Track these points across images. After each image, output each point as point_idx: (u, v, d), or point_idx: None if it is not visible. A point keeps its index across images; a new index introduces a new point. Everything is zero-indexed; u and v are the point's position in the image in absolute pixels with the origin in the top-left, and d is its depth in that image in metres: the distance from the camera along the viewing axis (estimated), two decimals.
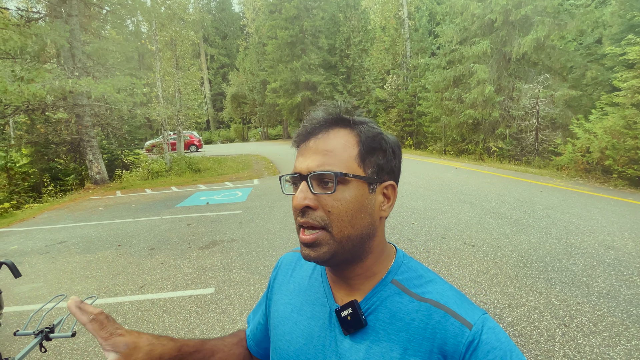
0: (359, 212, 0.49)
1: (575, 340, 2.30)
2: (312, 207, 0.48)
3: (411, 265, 0.55)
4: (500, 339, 0.45)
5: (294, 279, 0.63)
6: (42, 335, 2.10)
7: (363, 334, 0.50)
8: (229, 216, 6.00)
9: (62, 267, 4.05)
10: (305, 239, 0.49)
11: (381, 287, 0.52)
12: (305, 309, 0.57)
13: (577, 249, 3.81)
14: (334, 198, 0.48)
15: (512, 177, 8.79)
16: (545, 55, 12.25)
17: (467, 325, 0.46)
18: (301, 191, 0.49)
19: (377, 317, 0.50)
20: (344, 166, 0.49)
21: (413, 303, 0.49)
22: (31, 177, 12.16)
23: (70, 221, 6.39)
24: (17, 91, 7.91)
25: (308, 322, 0.56)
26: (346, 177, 0.48)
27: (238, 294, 3.17)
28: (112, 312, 2.96)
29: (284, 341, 0.57)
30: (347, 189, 0.48)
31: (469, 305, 0.49)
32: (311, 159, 0.49)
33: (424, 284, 0.52)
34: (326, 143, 0.50)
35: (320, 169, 0.48)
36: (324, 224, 0.48)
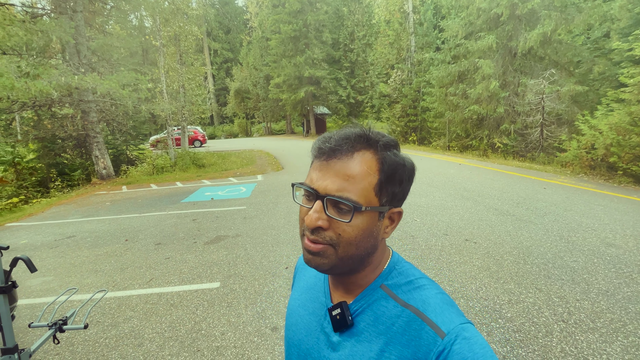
0: (366, 237, 0.51)
1: (573, 336, 2.34)
2: (324, 228, 0.50)
3: (403, 270, 0.57)
4: (473, 349, 0.44)
5: (305, 277, 0.69)
6: (55, 327, 2.19)
7: (350, 333, 0.54)
8: (233, 212, 6.07)
9: (71, 261, 4.16)
10: (311, 247, 0.51)
11: (370, 291, 0.55)
12: (308, 305, 0.63)
13: (579, 246, 3.83)
14: (347, 225, 0.49)
15: (516, 173, 8.77)
16: (551, 50, 12.11)
17: (440, 334, 0.46)
18: (315, 211, 0.50)
19: (363, 318, 0.54)
20: (362, 195, 0.49)
21: (397, 308, 0.52)
22: (38, 172, 12.33)
23: (78, 216, 6.51)
24: (24, 87, 8.00)
25: (309, 317, 0.61)
26: (362, 210, 0.49)
27: (243, 288, 3.25)
28: (122, 305, 3.05)
29: (291, 331, 0.64)
30: (361, 217, 0.50)
31: (451, 314, 0.49)
32: (330, 180, 0.49)
33: (411, 290, 0.53)
34: (348, 166, 0.50)
35: (338, 194, 0.48)
36: (332, 243, 0.50)
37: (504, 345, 2.30)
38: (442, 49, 16.13)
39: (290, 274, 3.51)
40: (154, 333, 2.62)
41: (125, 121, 13.53)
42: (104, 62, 11.40)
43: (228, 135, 36.11)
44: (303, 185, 0.53)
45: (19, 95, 8.10)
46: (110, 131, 13.50)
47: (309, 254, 0.52)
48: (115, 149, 13.33)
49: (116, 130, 13.51)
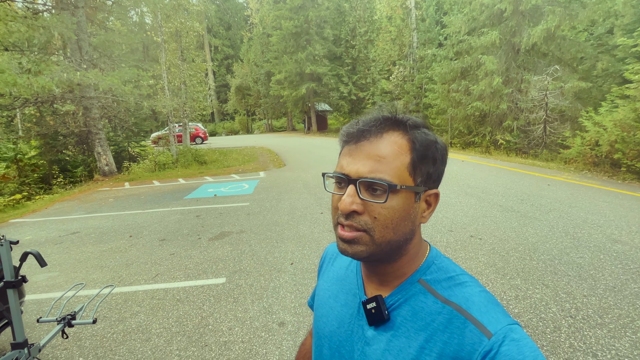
0: (403, 220, 0.50)
1: (582, 331, 2.34)
2: (359, 213, 0.49)
3: (442, 266, 0.55)
4: (522, 351, 0.42)
5: (334, 268, 0.67)
6: (64, 322, 2.19)
7: (385, 327, 0.52)
8: (236, 208, 6.07)
9: (76, 257, 4.16)
10: (345, 236, 0.50)
11: (407, 285, 0.53)
12: (340, 296, 0.61)
13: (584, 243, 3.82)
14: (382, 206, 0.48)
15: (519, 170, 8.74)
16: (555, 46, 12.03)
17: (487, 334, 0.44)
18: (349, 195, 0.48)
19: (400, 313, 0.52)
20: (395, 175, 0.48)
21: (437, 304, 0.50)
22: (40, 169, 12.34)
23: (81, 212, 6.52)
24: (27, 84, 7.98)
25: (341, 309, 0.60)
26: (398, 188, 0.48)
27: (249, 283, 3.25)
28: (128, 301, 3.06)
29: (321, 322, 0.62)
30: (396, 198, 0.49)
31: (496, 313, 0.47)
32: (362, 163, 0.49)
33: (452, 287, 0.51)
34: (379, 147, 0.49)
35: (371, 176, 0.48)
36: (366, 228, 0.49)
37: None
38: (444, 45, 16.05)
39: (296, 269, 3.51)
40: (161, 328, 2.62)
41: (127, 118, 13.51)
42: (105, 58, 11.37)
43: (229, 132, 36.07)
44: (334, 173, 0.52)
45: (21, 92, 8.08)
46: (112, 128, 13.50)
47: (344, 243, 0.50)
48: (117, 145, 13.33)
49: (118, 127, 13.50)
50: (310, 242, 4.25)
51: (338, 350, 0.58)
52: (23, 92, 8.12)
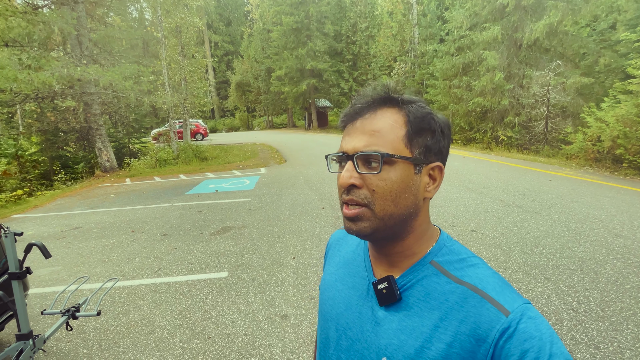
0: (403, 192, 0.50)
1: (583, 324, 2.35)
2: (357, 186, 0.50)
3: (454, 249, 0.55)
4: (540, 329, 0.43)
5: (340, 253, 0.67)
6: (68, 314, 2.20)
7: (397, 307, 0.52)
8: (238, 203, 6.08)
9: (79, 252, 4.18)
10: (348, 213, 0.51)
11: (419, 266, 0.53)
12: (347, 279, 0.61)
13: (586, 237, 3.83)
14: (379, 178, 0.49)
15: (520, 166, 8.73)
16: (557, 41, 11.97)
17: (504, 312, 0.45)
18: (347, 170, 0.50)
19: (412, 293, 0.52)
20: (391, 147, 0.49)
21: (450, 284, 0.50)
22: (41, 165, 12.34)
23: (83, 208, 6.53)
24: (27, 79, 7.97)
25: (349, 291, 0.60)
26: (392, 158, 0.49)
27: (251, 277, 3.26)
28: (131, 294, 3.07)
29: (328, 305, 0.62)
30: (393, 169, 0.49)
31: (511, 293, 0.48)
32: (358, 139, 0.50)
33: (464, 268, 0.52)
34: (373, 123, 0.50)
35: (366, 149, 0.49)
36: (367, 202, 0.50)
37: None
38: (446, 41, 15.96)
39: (298, 264, 3.52)
40: (165, 321, 2.64)
41: (128, 114, 13.50)
42: (106, 53, 11.33)
43: (229, 129, 36.02)
44: (334, 153, 0.54)
45: (22, 88, 8.07)
46: (113, 124, 13.49)
47: (348, 221, 0.52)
48: (118, 141, 13.33)
49: (119, 123, 13.49)
50: (311, 236, 4.25)
51: (345, 332, 0.57)
52: (23, 88, 8.11)
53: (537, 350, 0.41)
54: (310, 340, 2.33)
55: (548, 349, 0.41)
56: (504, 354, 0.43)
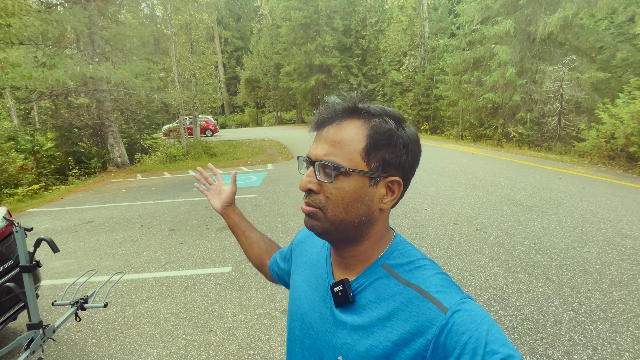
0: (355, 201, 0.53)
1: (583, 325, 2.33)
2: (315, 191, 0.54)
3: (405, 252, 0.58)
4: (475, 319, 0.46)
5: (308, 253, 0.71)
6: (77, 305, 2.30)
7: (352, 309, 0.55)
8: (244, 199, 6.17)
9: (90, 245, 4.33)
10: (304, 209, 0.57)
11: (372, 269, 0.56)
12: (311, 281, 0.65)
13: (593, 237, 3.76)
14: (333, 186, 0.53)
15: (530, 163, 8.58)
16: (572, 35, 11.62)
17: (443, 309, 0.48)
18: (307, 175, 0.55)
19: (365, 295, 0.55)
20: (347, 159, 0.52)
21: (398, 286, 0.53)
22: (57, 160, 12.71)
23: (95, 202, 6.73)
24: (42, 77, 8.19)
25: (312, 292, 0.63)
26: (345, 170, 0.52)
27: (254, 272, 3.33)
28: (138, 287, 3.18)
29: (295, 305, 0.66)
30: (347, 180, 0.52)
31: (451, 291, 0.51)
32: (320, 147, 0.54)
33: (412, 270, 0.55)
34: (337, 133, 0.53)
35: (324, 159, 0.52)
36: (320, 206, 0.54)
37: (512, 332, 2.31)
38: (457, 35, 15.68)
39: None
40: (169, 313, 2.73)
41: (139, 110, 13.74)
42: (117, 51, 11.53)
43: (239, 125, 36.27)
44: (303, 156, 0.59)
45: (37, 85, 8.31)
46: (125, 120, 13.74)
47: (305, 217, 0.57)
48: (130, 137, 13.59)
49: (130, 119, 13.74)
50: None
51: (308, 331, 0.61)
52: (38, 86, 8.33)
53: (474, 341, 0.44)
54: None
55: (484, 337, 0.44)
56: (446, 349, 0.46)
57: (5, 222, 2.28)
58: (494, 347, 0.43)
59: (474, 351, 0.43)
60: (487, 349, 0.43)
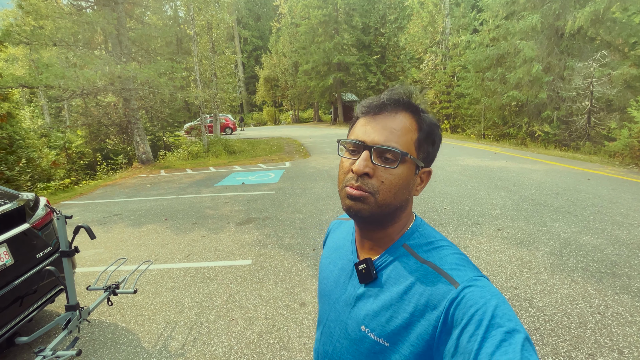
0: (403, 187, 0.57)
1: (609, 328, 2.26)
2: (369, 175, 0.56)
3: (425, 233, 0.62)
4: (484, 295, 0.48)
5: (335, 239, 0.77)
6: (109, 290, 2.44)
7: (374, 284, 0.61)
8: (262, 196, 6.28)
9: (118, 236, 4.55)
10: (353, 193, 0.56)
11: (393, 249, 0.61)
12: (337, 262, 0.71)
13: (622, 240, 3.61)
14: (390, 172, 0.55)
15: (557, 163, 8.27)
16: (604, 29, 11.07)
17: (454, 284, 0.51)
18: (363, 159, 0.55)
19: (386, 272, 0.60)
20: (405, 147, 0.56)
21: (416, 264, 0.58)
22: (86, 156, 13.35)
23: (122, 196, 7.03)
24: (73, 76, 8.62)
25: (338, 272, 0.69)
26: (407, 157, 0.56)
27: (273, 266, 3.41)
28: (164, 277, 3.33)
29: (322, 284, 0.73)
30: (403, 167, 0.56)
31: (466, 269, 0.54)
32: (377, 133, 0.56)
33: (430, 250, 0.59)
34: (394, 121, 0.57)
35: (386, 144, 0.55)
36: (373, 191, 0.56)
37: (534, 333, 2.27)
38: (480, 31, 15.25)
39: (318, 255, 3.62)
40: (193, 302, 2.84)
41: (162, 109, 14.20)
42: (142, 51, 11.95)
43: (257, 123, 36.76)
44: (350, 140, 0.59)
45: (69, 84, 8.75)
46: (149, 118, 14.24)
47: (350, 200, 0.57)
48: (154, 135, 14.08)
49: (154, 117, 14.22)
50: None
51: (334, 306, 0.67)
52: (70, 85, 8.78)
53: (481, 314, 0.46)
54: None
55: (491, 311, 0.46)
56: (454, 320, 0.49)
57: (46, 210, 2.44)
58: (500, 320, 0.45)
59: (479, 322, 0.46)
60: (492, 321, 0.45)
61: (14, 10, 12.88)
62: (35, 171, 9.83)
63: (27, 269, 2.19)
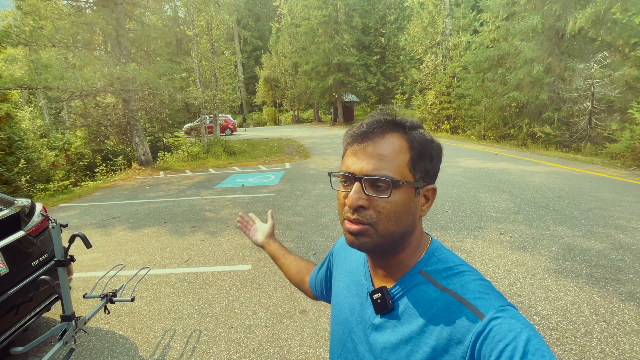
0: (405, 213, 0.54)
1: (615, 337, 2.22)
2: (365, 207, 0.53)
3: (442, 257, 0.58)
4: (513, 328, 0.45)
5: (348, 261, 0.73)
6: (107, 298, 2.39)
7: (391, 315, 0.57)
8: (262, 198, 6.24)
9: (117, 240, 4.50)
10: (352, 229, 0.54)
11: (410, 276, 0.57)
12: (351, 288, 0.67)
13: (626, 245, 3.57)
14: (386, 201, 0.52)
15: (558, 165, 8.23)
16: (605, 30, 11.02)
17: (480, 316, 0.48)
18: (355, 192, 0.53)
19: (403, 302, 0.56)
20: (397, 172, 0.52)
21: (436, 292, 0.54)
22: (85, 157, 13.31)
23: (121, 198, 6.99)
24: (73, 77, 8.58)
25: (353, 299, 0.66)
26: (399, 183, 0.52)
27: (273, 271, 3.37)
28: (162, 282, 3.28)
29: (337, 310, 0.70)
30: (398, 193, 0.53)
31: (491, 298, 0.50)
32: (366, 162, 0.53)
33: (450, 276, 0.55)
34: (381, 147, 0.53)
35: (375, 173, 0.52)
36: (372, 222, 0.53)
37: None
38: (480, 32, 15.22)
39: (318, 260, 3.58)
40: (192, 309, 2.80)
41: (162, 110, 14.16)
42: (142, 52, 11.91)
43: (257, 124, 36.71)
44: (340, 172, 0.56)
45: (68, 85, 8.71)
46: (149, 119, 14.20)
47: (351, 236, 0.55)
48: (153, 136, 14.04)
49: (154, 118, 14.18)
50: (332, 233, 4.30)
51: (350, 335, 0.64)
52: (70, 86, 8.74)
53: (511, 349, 0.42)
54: (327, 336, 2.39)
55: (522, 346, 0.42)
56: (481, 356, 0.45)
57: (41, 217, 2.40)
58: (532, 358, 0.41)
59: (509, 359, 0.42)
60: (524, 358, 0.41)
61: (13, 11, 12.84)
62: (34, 172, 9.78)
63: (22, 278, 2.15)
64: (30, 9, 9.28)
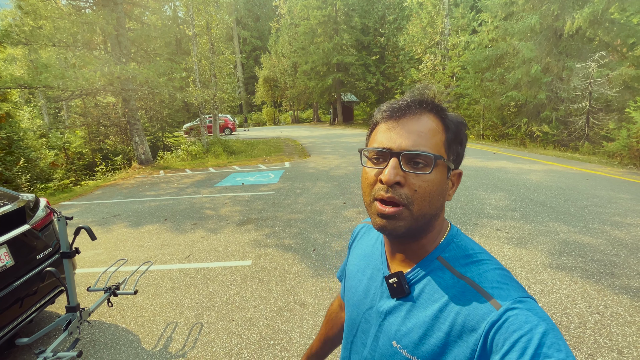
0: (438, 194, 0.52)
1: (608, 328, 2.27)
2: (401, 184, 0.51)
3: (462, 245, 0.57)
4: (529, 320, 0.43)
5: (362, 245, 0.73)
6: (110, 291, 2.44)
7: (406, 299, 0.56)
8: (262, 196, 6.29)
9: (118, 237, 4.54)
10: (386, 211, 0.51)
11: (426, 262, 0.56)
12: (366, 271, 0.67)
13: (621, 241, 3.63)
14: (423, 179, 0.50)
15: (555, 163, 8.29)
16: (602, 30, 11.10)
17: (496, 305, 0.46)
18: (392, 167, 0.50)
19: (419, 287, 0.55)
20: (435, 149, 0.51)
21: (453, 279, 0.53)
22: (85, 157, 13.33)
23: (121, 197, 7.03)
24: (73, 77, 8.61)
25: (367, 282, 0.66)
26: (441, 161, 0.51)
27: (273, 266, 3.41)
28: (164, 277, 3.33)
29: (350, 293, 0.70)
30: (436, 171, 0.51)
31: (509, 288, 0.49)
32: (404, 138, 0.51)
33: (468, 264, 0.54)
34: (419, 124, 0.52)
35: (415, 149, 0.50)
36: (407, 202, 0.50)
37: None
38: (479, 32, 15.29)
39: (318, 256, 3.63)
40: (193, 303, 2.85)
41: (162, 109, 14.19)
42: (142, 52, 11.94)
43: (256, 124, 36.75)
44: (374, 148, 0.54)
45: (68, 85, 8.74)
46: (148, 119, 14.22)
47: (382, 219, 0.52)
48: (153, 135, 14.07)
49: (153, 118, 14.21)
50: (331, 230, 4.34)
51: (365, 317, 0.64)
52: (70, 85, 8.77)
53: (526, 340, 0.42)
54: None
55: (538, 338, 0.41)
56: (493, 345, 0.45)
57: (46, 211, 2.44)
58: (548, 350, 0.40)
59: (522, 351, 0.41)
60: (539, 350, 0.40)
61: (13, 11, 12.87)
62: (34, 172, 9.81)
63: (28, 270, 2.19)
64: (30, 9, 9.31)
